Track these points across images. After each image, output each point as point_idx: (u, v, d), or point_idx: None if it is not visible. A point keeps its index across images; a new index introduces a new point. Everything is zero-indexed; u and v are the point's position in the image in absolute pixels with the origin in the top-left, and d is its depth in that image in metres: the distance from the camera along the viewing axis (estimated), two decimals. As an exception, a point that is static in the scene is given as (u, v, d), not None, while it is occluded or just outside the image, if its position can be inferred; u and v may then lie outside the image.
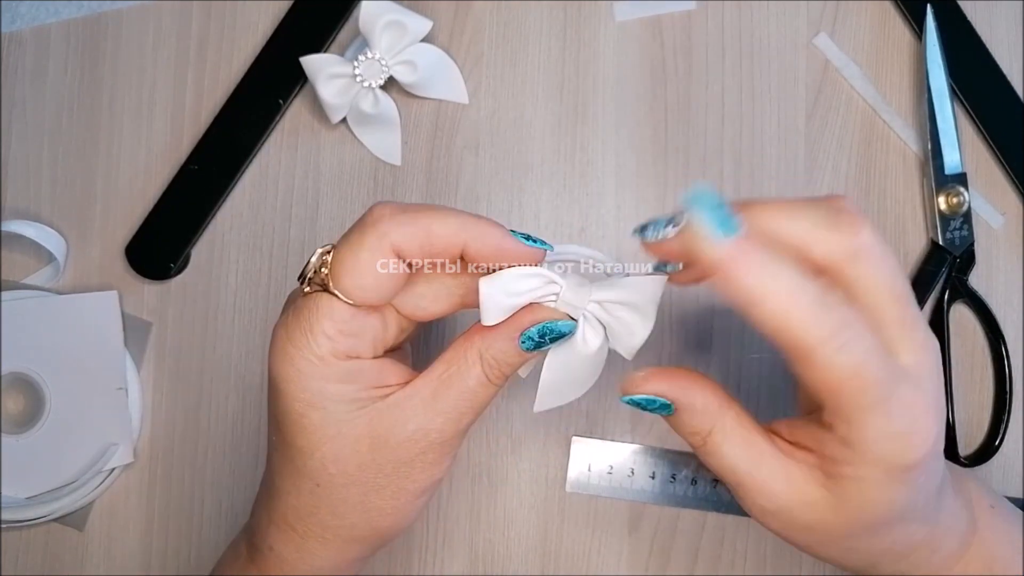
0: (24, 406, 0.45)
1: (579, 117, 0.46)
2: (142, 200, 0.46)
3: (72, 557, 0.45)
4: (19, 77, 0.47)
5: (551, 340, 0.32)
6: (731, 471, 0.32)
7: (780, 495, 0.31)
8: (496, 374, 0.32)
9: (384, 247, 0.30)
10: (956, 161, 0.45)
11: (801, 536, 0.32)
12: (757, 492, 0.32)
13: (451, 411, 0.32)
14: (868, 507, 0.30)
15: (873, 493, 0.29)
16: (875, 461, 0.29)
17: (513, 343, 0.32)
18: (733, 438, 0.32)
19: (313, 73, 0.44)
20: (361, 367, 0.32)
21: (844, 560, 0.33)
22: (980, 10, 0.46)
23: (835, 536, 0.31)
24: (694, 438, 0.33)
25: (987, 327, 0.45)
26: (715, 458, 0.32)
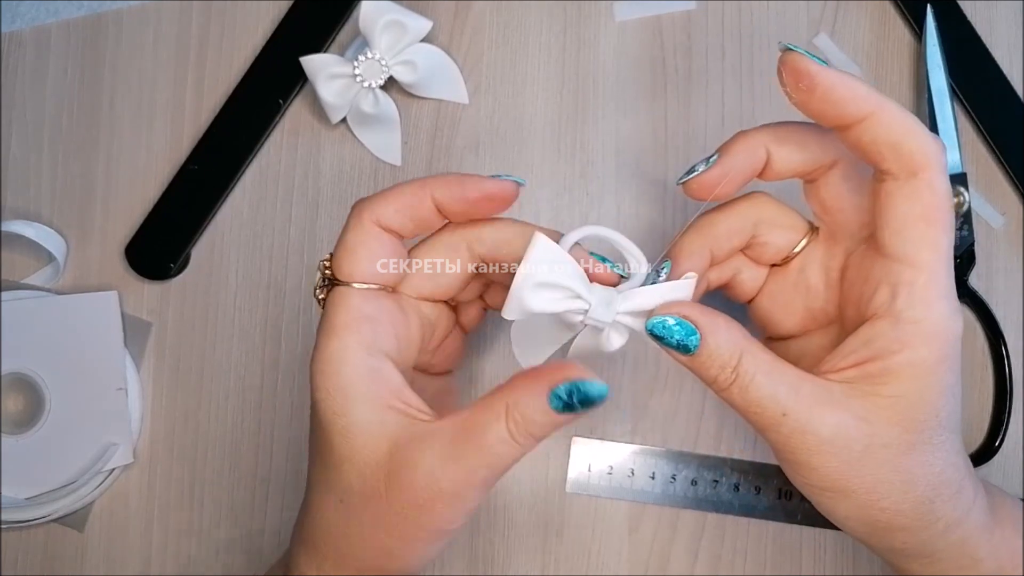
0: (24, 406, 0.45)
1: (579, 117, 0.46)
2: (142, 200, 0.46)
3: (72, 557, 0.45)
4: (19, 77, 0.47)
5: (581, 404, 0.30)
6: (772, 400, 0.30)
7: (829, 415, 0.30)
8: (521, 433, 0.30)
9: (366, 224, 0.32)
10: (956, 161, 0.45)
11: (855, 473, 0.31)
12: (806, 417, 0.30)
13: (465, 463, 0.30)
14: (920, 399, 0.31)
15: (925, 376, 0.30)
16: (932, 333, 0.30)
17: (542, 400, 0.30)
18: (764, 366, 0.31)
19: (313, 73, 0.44)
20: (386, 369, 0.32)
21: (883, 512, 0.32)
22: (980, 10, 0.46)
23: (891, 454, 0.31)
24: (722, 372, 0.31)
25: (987, 327, 0.45)
26: (750, 391, 0.31)
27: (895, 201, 0.31)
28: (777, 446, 0.32)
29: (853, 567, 0.44)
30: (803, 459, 0.31)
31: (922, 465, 0.31)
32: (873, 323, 0.31)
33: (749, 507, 0.44)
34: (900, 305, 0.31)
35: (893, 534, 0.32)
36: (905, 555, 0.33)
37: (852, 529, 0.33)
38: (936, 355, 0.31)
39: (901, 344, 0.31)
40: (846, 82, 0.30)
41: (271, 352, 0.46)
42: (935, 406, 0.31)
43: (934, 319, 0.31)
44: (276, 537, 0.45)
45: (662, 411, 0.45)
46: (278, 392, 0.45)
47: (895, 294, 0.31)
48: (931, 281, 0.31)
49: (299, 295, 0.46)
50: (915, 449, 0.31)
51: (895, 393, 0.31)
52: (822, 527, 0.44)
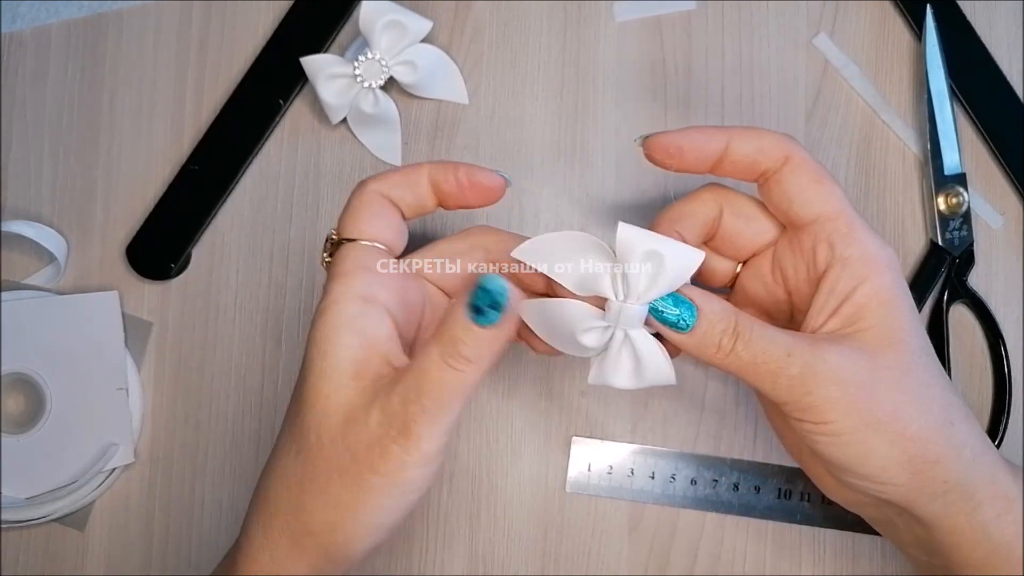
0: (24, 406, 0.45)
1: (579, 117, 0.46)
2: (143, 200, 0.46)
3: (72, 557, 0.45)
4: (19, 77, 0.47)
5: (489, 305, 0.30)
6: (775, 344, 0.32)
7: (830, 349, 0.32)
8: (451, 355, 0.31)
9: (369, 191, 0.36)
10: (955, 161, 0.45)
11: (873, 399, 0.32)
12: (810, 352, 0.32)
13: (408, 394, 0.31)
14: (896, 322, 0.33)
15: (890, 300, 0.33)
16: (877, 261, 0.34)
17: (459, 313, 0.31)
18: (758, 321, 0.33)
19: (313, 73, 0.44)
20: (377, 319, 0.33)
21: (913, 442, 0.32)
22: (980, 10, 0.46)
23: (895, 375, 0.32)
24: (724, 336, 0.32)
25: (986, 327, 0.45)
26: (753, 343, 0.32)
27: (785, 182, 0.35)
28: (791, 392, 0.32)
29: (853, 567, 0.44)
30: (820, 397, 0.32)
31: (925, 384, 0.33)
32: (827, 275, 0.34)
33: (748, 507, 0.44)
34: (839, 250, 0.34)
35: (931, 470, 0.32)
36: (949, 502, 0.33)
37: (893, 478, 0.32)
38: (890, 279, 0.34)
39: (858, 278, 0.34)
40: (697, 129, 0.35)
41: (271, 352, 0.46)
42: (911, 327, 0.34)
43: (873, 250, 0.34)
44: (276, 537, 0.45)
45: (662, 411, 0.45)
46: (278, 392, 0.45)
47: (831, 244, 0.34)
48: (852, 222, 0.34)
49: (299, 295, 0.46)
50: (911, 370, 0.33)
51: (874, 323, 0.33)
52: (821, 527, 0.44)
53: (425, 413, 0.31)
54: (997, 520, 0.33)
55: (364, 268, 0.34)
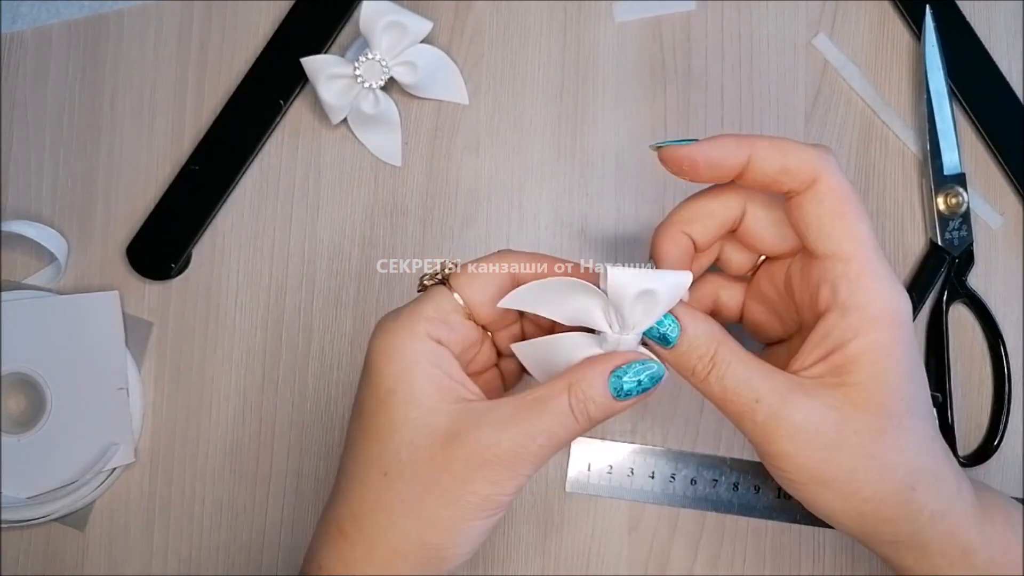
0: (25, 406, 0.45)
1: (579, 117, 0.46)
2: (143, 200, 0.46)
3: (73, 557, 0.45)
4: (20, 78, 0.48)
5: (639, 383, 0.32)
6: (746, 386, 0.32)
7: (801, 402, 0.32)
8: (581, 410, 0.32)
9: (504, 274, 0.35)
10: (955, 162, 0.45)
11: (830, 460, 0.32)
12: (779, 403, 0.32)
13: (527, 427, 0.32)
14: (884, 384, 0.32)
15: (883, 360, 0.32)
16: (878, 316, 0.32)
17: (603, 380, 0.32)
18: (738, 356, 0.32)
19: (314, 74, 0.44)
20: (447, 357, 0.34)
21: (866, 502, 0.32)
22: (979, 11, 0.46)
23: (864, 441, 0.32)
24: (700, 363, 0.32)
25: (986, 327, 0.45)
26: (726, 378, 0.32)
27: (805, 209, 0.33)
28: (754, 435, 0.33)
29: (852, 567, 0.44)
30: (778, 448, 0.32)
31: (896, 451, 0.32)
32: (825, 318, 0.33)
33: (748, 506, 0.44)
34: (842, 296, 0.32)
35: (881, 526, 0.33)
36: (897, 549, 0.33)
37: (841, 524, 0.34)
38: (888, 337, 0.32)
39: (854, 331, 0.32)
40: (717, 143, 0.33)
41: (272, 352, 0.46)
42: (899, 390, 0.32)
43: (877, 302, 0.32)
44: (276, 537, 0.45)
45: (661, 410, 0.45)
46: (279, 392, 0.45)
47: (835, 288, 0.33)
48: (863, 268, 0.32)
49: (300, 295, 0.46)
50: (886, 434, 0.32)
51: (859, 380, 0.32)
52: (820, 527, 0.44)
53: (541, 451, 0.32)
54: (950, 567, 0.33)
55: (444, 322, 0.34)
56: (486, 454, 0.32)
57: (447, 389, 0.33)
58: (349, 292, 0.46)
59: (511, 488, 0.33)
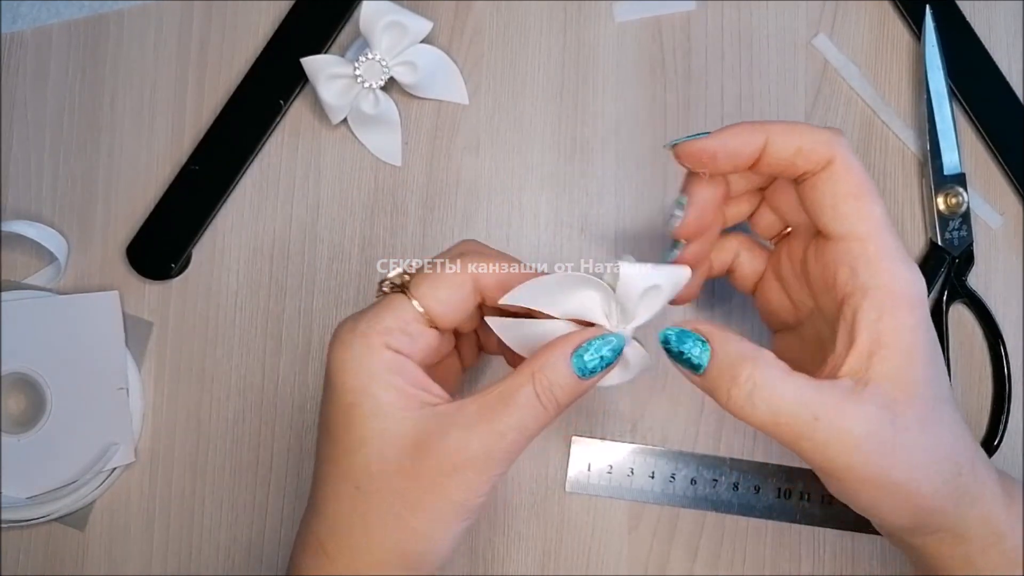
0: (25, 406, 0.45)
1: (579, 117, 0.46)
2: (143, 200, 0.47)
3: (73, 557, 0.45)
4: (20, 78, 0.48)
5: (602, 358, 0.32)
6: (801, 406, 0.30)
7: (858, 410, 0.30)
8: (548, 397, 0.32)
9: (463, 271, 0.34)
10: (955, 162, 0.45)
11: (894, 464, 0.31)
12: (839, 417, 0.30)
13: (495, 424, 0.32)
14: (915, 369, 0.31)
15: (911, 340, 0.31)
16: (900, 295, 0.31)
17: (566, 363, 0.32)
18: (780, 372, 0.31)
19: (314, 74, 0.44)
20: (408, 365, 0.33)
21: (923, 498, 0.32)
22: (979, 11, 0.46)
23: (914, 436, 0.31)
24: (735, 384, 0.31)
25: (986, 327, 0.45)
26: (773, 400, 0.30)
27: (820, 190, 0.33)
28: (813, 454, 0.31)
29: (852, 567, 0.44)
30: (842, 462, 0.31)
31: (940, 439, 0.32)
32: (848, 303, 0.32)
33: (748, 506, 0.44)
34: (863, 278, 0.32)
35: (931, 517, 0.32)
36: (940, 539, 0.33)
37: (891, 522, 0.33)
38: (912, 319, 0.32)
39: (878, 312, 0.31)
40: (733, 131, 0.33)
41: (272, 352, 0.46)
42: (928, 376, 0.32)
43: (898, 282, 0.32)
44: (276, 537, 0.45)
45: (662, 410, 0.45)
46: (278, 392, 0.46)
47: (854, 270, 0.32)
48: (881, 248, 0.32)
49: (300, 295, 0.46)
50: (929, 423, 0.31)
51: (891, 370, 0.31)
52: (821, 527, 0.44)
53: (511, 445, 0.32)
54: (983, 552, 0.33)
55: (404, 332, 0.33)
56: (455, 459, 0.31)
57: (410, 397, 0.33)
58: (349, 292, 0.46)
59: (485, 489, 0.32)
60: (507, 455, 0.32)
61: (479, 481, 0.32)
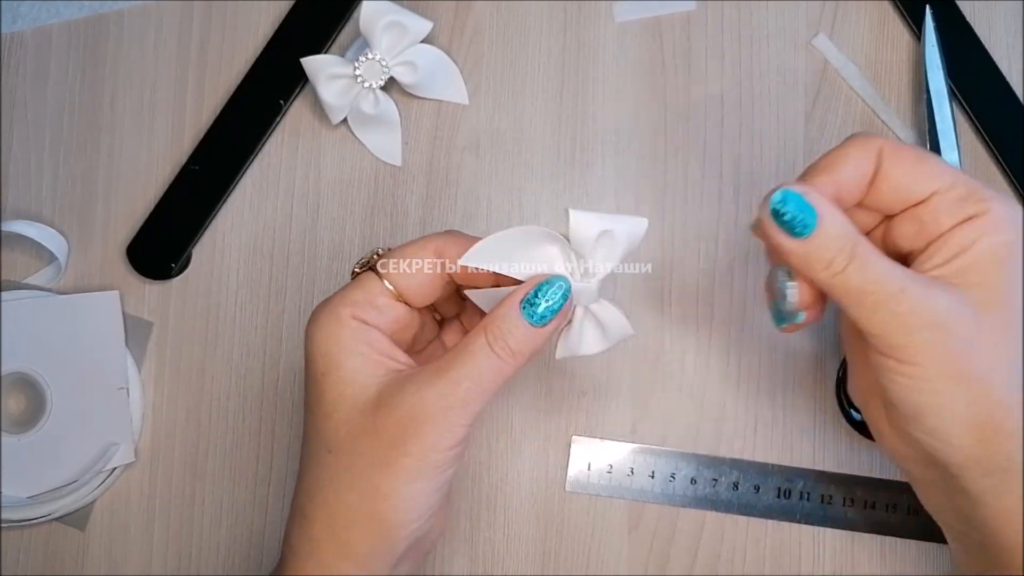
0: (25, 406, 0.45)
1: (579, 117, 0.46)
2: (143, 200, 0.47)
3: (73, 557, 0.45)
4: (20, 77, 0.48)
5: (549, 302, 0.32)
6: (890, 277, 0.31)
7: (943, 294, 0.31)
8: (501, 346, 0.33)
9: (428, 248, 0.35)
10: (955, 161, 0.45)
11: (972, 354, 0.31)
12: (924, 293, 0.31)
13: (449, 375, 0.33)
14: (1008, 284, 0.32)
15: (1006, 259, 0.32)
16: (1001, 217, 0.32)
17: (515, 311, 0.33)
18: (878, 252, 0.32)
19: (314, 74, 0.44)
20: (375, 335, 0.35)
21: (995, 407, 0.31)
22: (979, 11, 0.46)
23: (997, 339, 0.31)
24: (840, 254, 0.31)
25: (986, 327, 0.45)
26: (868, 269, 0.31)
27: (891, 174, 0.33)
28: (889, 327, 0.31)
29: (852, 567, 0.44)
30: (919, 339, 0.31)
31: (1020, 354, 0.32)
32: (950, 231, 0.33)
33: (748, 506, 0.44)
34: (964, 211, 0.32)
35: (1000, 444, 0.31)
36: (1005, 478, 0.32)
37: (958, 440, 0.32)
38: (1009, 237, 0.32)
39: (977, 232, 0.32)
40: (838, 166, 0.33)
41: (272, 352, 0.46)
42: (1017, 292, 0.32)
43: (995, 206, 0.32)
44: (276, 537, 0.45)
45: (662, 410, 0.45)
46: (279, 392, 0.46)
47: (952, 212, 0.33)
48: (969, 184, 0.33)
49: (300, 295, 0.46)
50: (1014, 335, 0.32)
51: (985, 280, 0.32)
52: (821, 526, 0.44)
53: (465, 395, 0.33)
54: None
55: (373, 305, 0.35)
56: (413, 412, 0.32)
57: (376, 364, 0.34)
58: (349, 292, 0.46)
59: (447, 442, 0.33)
60: (464, 406, 0.33)
61: (436, 433, 0.33)
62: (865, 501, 0.43)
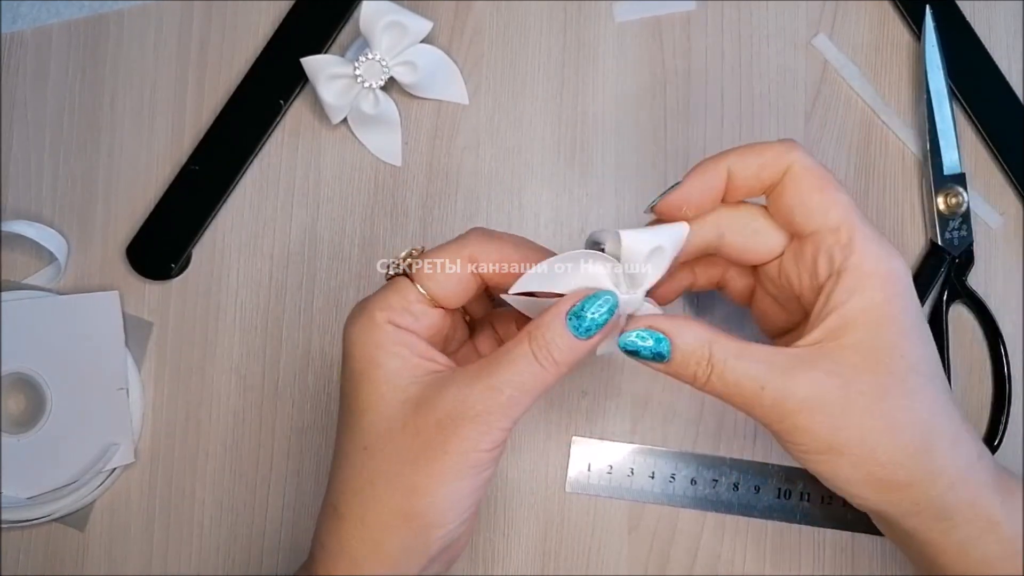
0: (25, 406, 0.45)
1: (579, 117, 0.46)
2: (143, 200, 0.47)
3: (73, 557, 0.45)
4: (20, 77, 0.48)
5: (595, 315, 0.33)
6: (748, 378, 0.32)
7: (803, 376, 0.32)
8: (544, 355, 0.33)
9: (463, 254, 0.35)
10: (955, 161, 0.45)
11: (841, 426, 0.32)
12: (782, 384, 0.32)
13: (491, 380, 0.33)
14: (881, 341, 0.32)
15: (880, 318, 0.33)
16: (874, 275, 0.33)
17: (560, 321, 0.33)
18: (733, 350, 0.33)
19: (314, 74, 0.44)
20: (413, 339, 0.35)
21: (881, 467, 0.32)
22: (979, 11, 0.46)
23: (868, 401, 0.32)
24: (699, 367, 0.33)
25: (985, 327, 0.45)
26: (726, 375, 0.32)
27: (787, 192, 0.35)
28: (766, 420, 0.33)
29: (852, 567, 0.44)
30: (790, 424, 0.33)
31: (902, 410, 0.32)
32: (824, 287, 0.34)
33: (748, 506, 0.44)
34: (838, 262, 0.33)
35: (900, 493, 0.33)
36: (922, 520, 0.33)
37: (860, 496, 0.33)
38: (884, 294, 0.33)
39: (850, 292, 0.33)
40: (695, 176, 0.35)
41: (272, 352, 0.46)
42: (898, 347, 0.33)
43: (870, 261, 0.33)
44: (276, 537, 0.45)
45: (661, 410, 0.45)
46: (279, 392, 0.46)
47: (831, 258, 0.34)
48: (854, 232, 0.33)
49: (300, 295, 0.46)
50: (890, 393, 0.32)
51: (856, 340, 0.33)
52: (821, 527, 0.44)
53: (508, 400, 0.33)
54: (978, 539, 0.33)
55: (409, 312, 0.35)
56: (453, 413, 0.33)
57: (415, 366, 0.34)
58: (349, 292, 0.46)
59: (486, 444, 0.33)
60: (504, 411, 0.33)
61: (476, 435, 0.33)
62: (865, 501, 0.43)
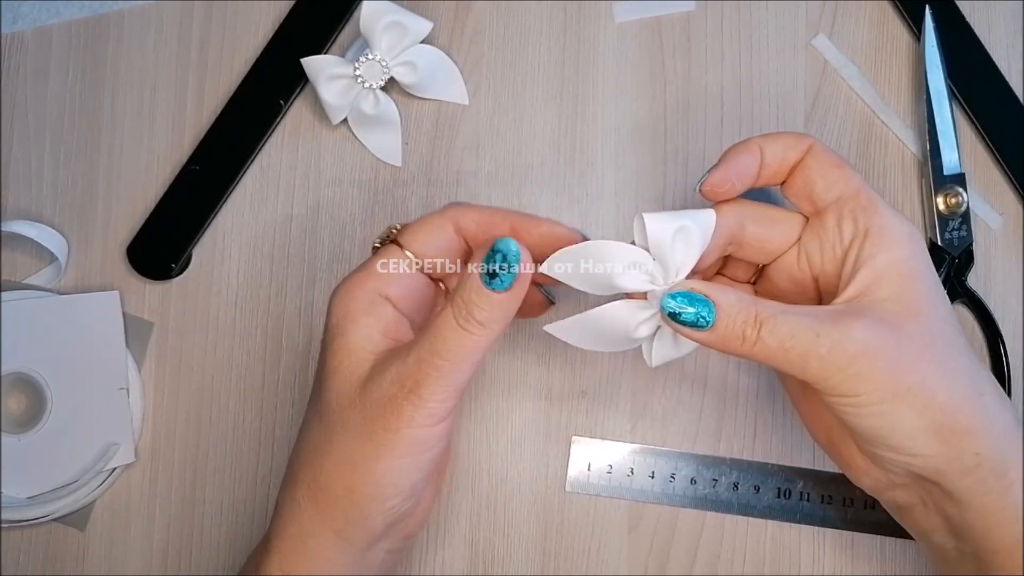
0: (25, 406, 0.45)
1: (579, 117, 0.46)
2: (143, 200, 0.47)
3: (73, 557, 0.45)
4: (20, 78, 0.48)
5: (499, 266, 0.32)
6: (802, 327, 0.32)
7: (857, 323, 0.32)
8: (464, 316, 0.33)
9: (445, 218, 0.37)
10: (954, 161, 0.45)
11: (901, 368, 0.32)
12: (838, 330, 0.32)
13: (419, 353, 0.33)
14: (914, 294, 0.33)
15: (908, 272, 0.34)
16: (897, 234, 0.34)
17: (475, 279, 0.32)
18: (780, 307, 0.33)
19: (314, 74, 0.44)
20: (386, 309, 0.36)
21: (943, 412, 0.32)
22: (978, 11, 0.46)
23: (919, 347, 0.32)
24: (747, 326, 0.32)
25: (985, 327, 0.45)
26: (782, 327, 0.32)
27: (809, 169, 0.36)
28: (821, 371, 0.32)
29: (852, 567, 0.44)
30: (852, 372, 0.32)
31: (951, 356, 0.33)
32: (851, 247, 0.35)
33: (748, 506, 0.44)
34: (863, 222, 0.35)
35: (963, 442, 0.32)
36: (980, 478, 0.32)
37: (922, 449, 0.32)
38: (911, 250, 0.34)
39: (878, 248, 0.34)
40: (735, 155, 0.36)
41: (272, 352, 0.46)
42: (930, 298, 0.34)
43: (892, 223, 0.35)
44: (277, 536, 0.45)
45: (661, 410, 0.45)
46: (279, 392, 0.46)
47: (855, 219, 0.35)
48: (872, 197, 0.35)
49: (300, 295, 0.46)
50: (935, 341, 0.33)
51: (891, 293, 0.34)
52: (820, 526, 0.44)
53: (437, 371, 0.33)
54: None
55: (394, 277, 0.36)
56: (390, 388, 0.33)
57: (378, 339, 0.35)
58: (349, 292, 0.46)
59: (423, 418, 0.33)
60: (437, 383, 0.33)
61: (411, 409, 0.33)
62: (865, 501, 0.43)
